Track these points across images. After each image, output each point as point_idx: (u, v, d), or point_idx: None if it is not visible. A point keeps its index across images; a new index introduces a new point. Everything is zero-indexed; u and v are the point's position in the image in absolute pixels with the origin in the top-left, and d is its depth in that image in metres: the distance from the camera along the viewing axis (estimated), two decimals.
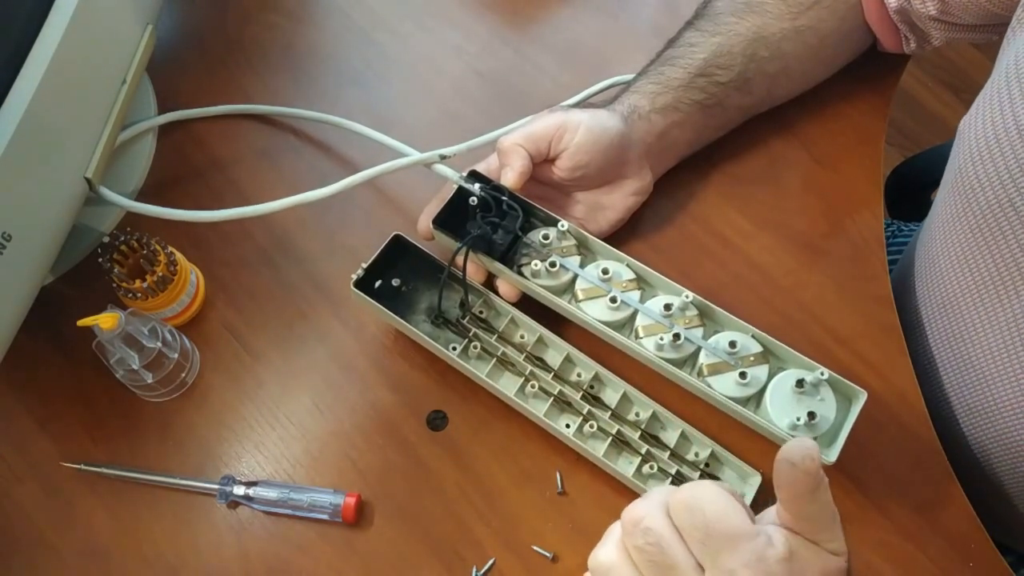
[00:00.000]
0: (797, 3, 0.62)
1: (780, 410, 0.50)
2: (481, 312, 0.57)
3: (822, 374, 0.50)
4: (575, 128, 0.56)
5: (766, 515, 0.39)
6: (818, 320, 0.60)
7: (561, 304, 0.54)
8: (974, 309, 0.55)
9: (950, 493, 0.54)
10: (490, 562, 0.52)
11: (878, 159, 0.66)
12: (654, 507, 0.37)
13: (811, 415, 0.49)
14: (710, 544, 0.35)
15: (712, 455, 0.53)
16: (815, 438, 0.50)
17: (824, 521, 0.37)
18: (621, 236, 0.62)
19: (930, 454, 0.55)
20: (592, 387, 0.55)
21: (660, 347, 0.52)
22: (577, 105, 0.67)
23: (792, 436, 0.49)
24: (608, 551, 0.39)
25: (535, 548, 0.52)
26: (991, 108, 0.51)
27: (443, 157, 0.60)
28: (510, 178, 0.55)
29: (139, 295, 0.55)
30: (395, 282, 0.57)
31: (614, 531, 0.40)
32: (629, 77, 0.65)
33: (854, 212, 0.64)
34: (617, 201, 0.60)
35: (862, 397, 0.50)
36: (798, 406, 0.50)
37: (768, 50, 0.61)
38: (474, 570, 0.52)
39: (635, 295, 0.54)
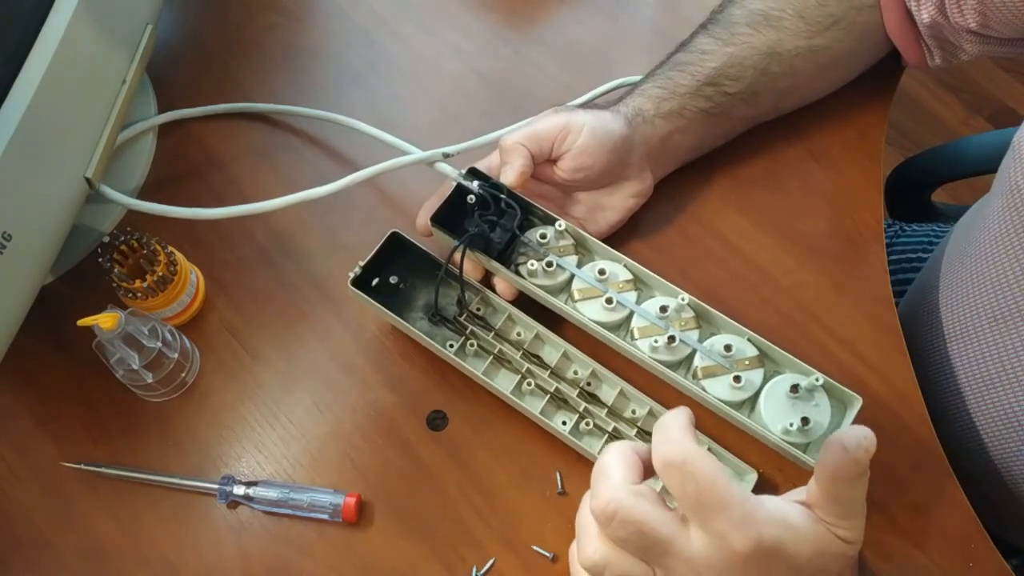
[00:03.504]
0: (816, 22, 0.61)
1: (774, 415, 0.50)
2: (478, 309, 0.57)
3: (817, 379, 0.50)
4: (579, 130, 0.56)
5: (792, 494, 0.40)
6: (818, 320, 0.60)
7: (557, 304, 0.54)
8: None
9: (950, 493, 0.54)
10: (490, 562, 0.52)
11: (878, 159, 0.66)
12: (620, 493, 0.38)
13: (804, 421, 0.49)
14: (701, 509, 0.37)
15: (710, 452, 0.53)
16: (807, 445, 0.50)
17: (851, 510, 0.38)
18: (621, 236, 0.62)
19: (930, 454, 0.55)
20: (589, 384, 0.55)
21: (655, 349, 0.52)
22: (583, 105, 0.67)
23: (785, 441, 0.49)
24: (595, 547, 0.40)
25: (535, 548, 0.52)
26: None
27: (446, 155, 0.60)
28: (510, 177, 0.55)
29: (139, 295, 0.55)
30: (393, 279, 0.57)
31: (587, 525, 0.41)
32: (637, 79, 0.65)
33: (854, 212, 0.64)
34: (618, 202, 0.60)
35: (857, 403, 0.50)
36: (792, 411, 0.50)
37: (780, 66, 0.61)
38: (474, 570, 0.52)
39: (632, 296, 0.54)
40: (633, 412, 0.55)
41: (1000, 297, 0.55)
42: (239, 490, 0.53)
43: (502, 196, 0.55)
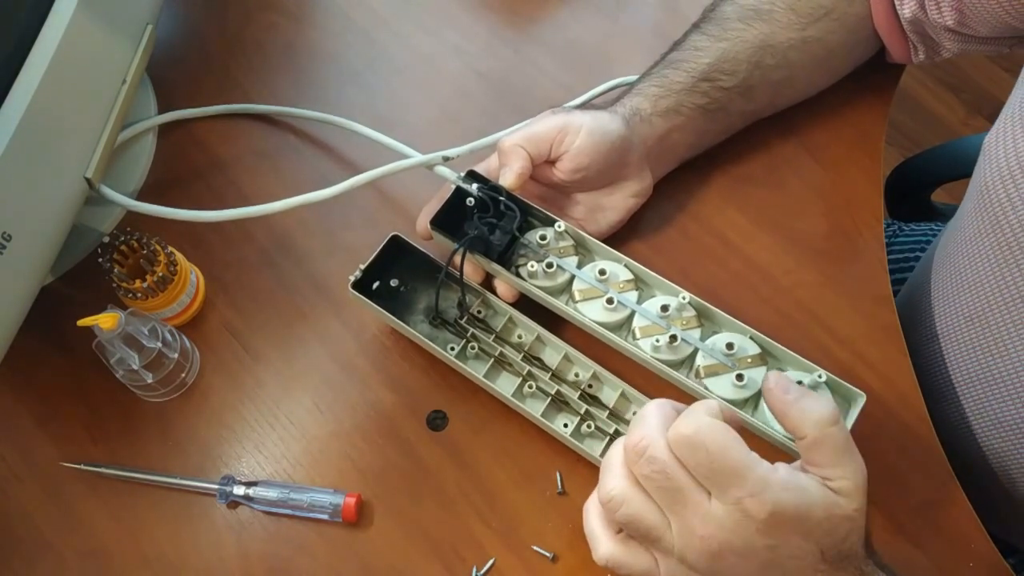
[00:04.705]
0: (807, 13, 0.61)
1: None
2: (479, 312, 0.57)
3: (820, 376, 0.50)
4: (576, 131, 0.56)
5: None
6: (818, 320, 0.60)
7: (558, 305, 0.54)
8: (1002, 324, 0.54)
9: (950, 493, 0.54)
10: (490, 562, 0.52)
11: (878, 159, 0.66)
12: (654, 432, 0.40)
13: None
14: (715, 478, 0.39)
15: None
16: None
17: (837, 452, 0.40)
18: (621, 236, 0.62)
19: (930, 454, 0.55)
20: (590, 386, 0.55)
21: (656, 348, 0.52)
22: (582, 106, 0.67)
23: (788, 439, 0.49)
24: (617, 482, 0.42)
25: (535, 548, 0.52)
26: (1021, 127, 0.50)
27: (446, 159, 0.60)
28: (509, 179, 0.55)
29: (139, 295, 0.55)
30: (393, 282, 0.57)
31: (613, 463, 0.42)
32: (634, 78, 0.65)
33: (854, 212, 0.64)
34: (617, 202, 0.60)
35: (860, 400, 0.50)
36: None
37: (774, 59, 0.61)
38: (474, 570, 0.52)
39: (632, 296, 0.54)
40: (635, 414, 0.54)
41: (975, 296, 0.56)
42: (239, 490, 0.53)
43: (501, 198, 0.55)
